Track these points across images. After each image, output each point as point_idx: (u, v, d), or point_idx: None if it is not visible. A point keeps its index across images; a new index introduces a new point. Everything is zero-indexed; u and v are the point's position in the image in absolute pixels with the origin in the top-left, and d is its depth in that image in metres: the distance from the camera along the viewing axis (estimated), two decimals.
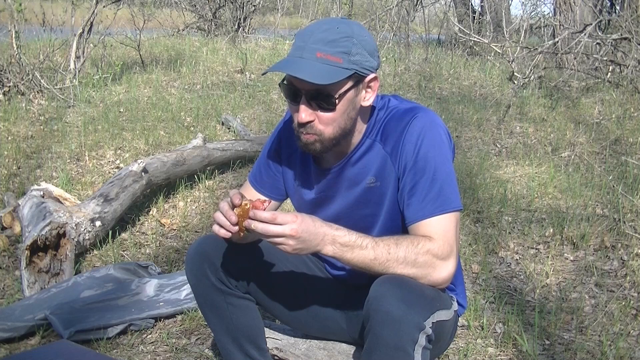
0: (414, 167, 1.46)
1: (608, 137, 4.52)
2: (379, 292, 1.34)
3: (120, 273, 2.51)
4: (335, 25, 1.42)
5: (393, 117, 1.52)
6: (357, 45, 1.41)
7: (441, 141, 1.47)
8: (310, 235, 1.34)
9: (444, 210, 1.43)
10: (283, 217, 1.34)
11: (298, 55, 1.41)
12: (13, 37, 5.21)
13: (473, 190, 3.60)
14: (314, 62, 1.38)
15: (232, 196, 1.40)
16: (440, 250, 1.40)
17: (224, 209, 1.40)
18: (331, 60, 1.39)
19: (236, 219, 1.38)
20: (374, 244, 1.38)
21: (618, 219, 3.08)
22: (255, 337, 1.73)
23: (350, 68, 1.40)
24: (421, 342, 1.32)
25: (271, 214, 1.34)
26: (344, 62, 1.39)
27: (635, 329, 2.30)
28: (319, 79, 1.36)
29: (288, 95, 1.46)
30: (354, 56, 1.40)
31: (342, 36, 1.40)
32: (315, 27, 1.44)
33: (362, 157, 1.54)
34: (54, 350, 1.83)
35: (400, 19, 8.79)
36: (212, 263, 1.63)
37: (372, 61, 1.45)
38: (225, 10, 9.69)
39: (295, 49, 1.43)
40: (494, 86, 6.49)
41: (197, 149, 3.74)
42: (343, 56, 1.39)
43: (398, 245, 1.38)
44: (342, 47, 1.40)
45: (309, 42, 1.40)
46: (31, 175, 3.68)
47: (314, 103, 1.43)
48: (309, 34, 1.42)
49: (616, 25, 6.36)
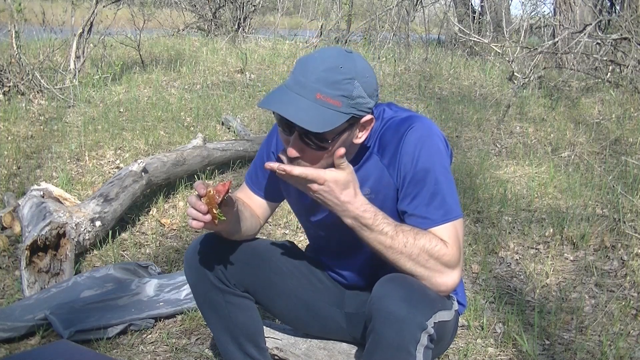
0: (414, 178, 1.44)
1: (608, 137, 4.52)
2: (382, 292, 1.34)
3: (120, 273, 2.51)
4: (339, 64, 1.36)
5: (389, 128, 1.50)
6: (358, 88, 1.36)
7: (439, 150, 1.46)
8: (337, 197, 1.37)
9: (448, 219, 1.43)
10: (329, 171, 1.37)
11: (296, 92, 1.36)
12: (13, 37, 5.21)
13: (473, 190, 3.60)
14: (312, 104, 1.34)
15: (197, 187, 1.41)
16: (450, 257, 1.40)
17: (192, 201, 1.41)
18: (330, 103, 1.34)
19: (205, 207, 1.40)
20: (393, 234, 1.38)
21: (618, 219, 3.08)
22: (254, 336, 1.73)
23: (349, 112, 1.37)
24: (423, 341, 1.32)
25: (321, 170, 1.38)
26: (343, 106, 1.35)
27: (635, 329, 2.30)
28: (314, 126, 1.32)
29: (280, 124, 1.43)
30: (354, 100, 1.36)
31: (345, 77, 1.35)
32: (319, 61, 1.37)
33: (359, 169, 1.52)
34: (54, 350, 1.83)
35: (400, 19, 8.79)
36: (211, 262, 1.63)
37: (371, 102, 1.41)
38: (225, 10, 9.69)
39: (294, 83, 1.38)
40: (494, 86, 6.49)
41: (197, 149, 3.74)
42: (343, 100, 1.35)
43: (416, 241, 1.38)
44: (343, 91, 1.35)
45: (310, 80, 1.35)
46: (31, 175, 3.68)
47: (307, 141, 1.39)
48: (311, 70, 1.36)
49: (616, 25, 6.36)
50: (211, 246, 1.64)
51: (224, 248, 1.64)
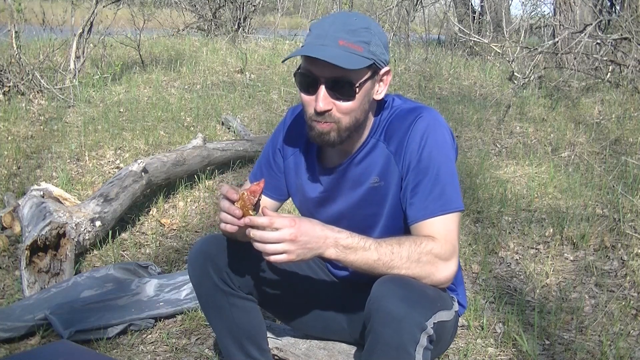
0: (417, 166, 1.46)
1: (608, 137, 4.52)
2: (381, 292, 1.34)
3: (120, 273, 2.51)
4: (352, 17, 1.44)
5: (397, 117, 1.52)
6: (375, 36, 1.43)
7: (444, 141, 1.48)
8: (310, 238, 1.33)
9: (446, 211, 1.43)
10: (280, 221, 1.32)
11: (320, 43, 1.40)
12: (13, 37, 5.20)
13: (473, 190, 3.60)
14: (337, 49, 1.38)
15: (227, 193, 1.40)
16: (442, 251, 1.40)
17: (225, 206, 1.40)
18: (353, 48, 1.39)
19: (240, 212, 1.38)
20: (376, 245, 1.38)
21: (618, 219, 3.08)
22: (257, 337, 1.73)
23: (370, 58, 1.41)
24: (422, 342, 1.32)
25: (267, 218, 1.33)
26: (365, 52, 1.41)
27: (635, 329, 2.30)
28: (345, 63, 1.36)
29: (304, 84, 1.45)
30: (372, 47, 1.42)
31: (361, 27, 1.42)
32: (333, 17, 1.46)
33: (365, 157, 1.54)
34: (54, 350, 1.83)
35: (400, 19, 8.79)
36: (216, 263, 1.62)
37: (385, 54, 1.47)
38: (225, 10, 9.69)
39: (314, 37, 1.42)
40: (494, 86, 6.49)
41: (197, 149, 3.74)
42: (364, 45, 1.41)
43: (401, 246, 1.38)
44: (362, 37, 1.41)
45: (330, 31, 1.41)
46: (31, 175, 3.68)
47: (334, 92, 1.42)
48: (328, 24, 1.43)
49: (616, 25, 6.36)
50: (215, 247, 1.63)
51: (228, 249, 1.63)
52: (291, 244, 1.32)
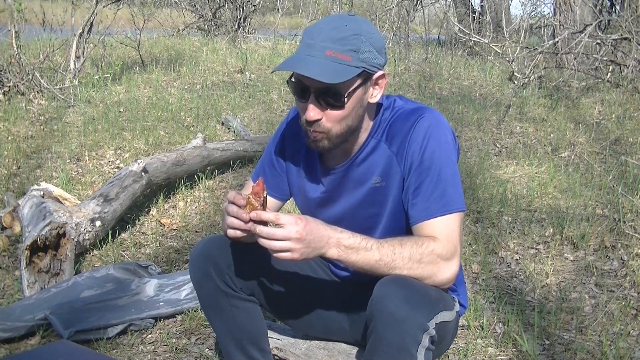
0: (420, 167, 1.46)
1: (608, 137, 4.52)
2: (383, 293, 1.34)
3: (120, 273, 2.51)
4: (343, 23, 1.41)
5: (399, 117, 1.52)
6: (365, 42, 1.40)
7: (446, 142, 1.48)
8: (315, 237, 1.33)
9: (448, 211, 1.43)
10: (286, 218, 1.33)
11: (307, 53, 1.40)
12: (13, 37, 5.20)
13: (473, 190, 3.60)
14: (324, 61, 1.37)
15: (235, 200, 1.39)
16: (444, 251, 1.40)
17: (233, 211, 1.39)
18: (340, 58, 1.38)
19: (247, 216, 1.37)
20: (378, 245, 1.37)
21: (618, 219, 3.08)
22: (258, 339, 1.73)
23: (359, 66, 1.40)
24: (424, 343, 1.32)
25: (274, 214, 1.34)
26: (353, 60, 1.39)
27: (635, 329, 2.30)
28: (328, 77, 1.36)
29: (296, 92, 1.45)
30: (362, 54, 1.40)
31: (351, 34, 1.39)
32: (324, 24, 1.43)
33: (367, 158, 1.54)
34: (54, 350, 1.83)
35: (400, 19, 8.79)
36: (217, 265, 1.62)
37: (380, 58, 1.45)
38: (225, 10, 9.70)
39: (303, 47, 1.42)
40: (494, 86, 6.49)
41: (197, 149, 3.74)
42: (352, 54, 1.39)
43: (402, 246, 1.38)
44: (351, 45, 1.39)
45: (317, 40, 1.39)
46: (31, 175, 3.68)
47: (323, 101, 1.42)
48: (317, 32, 1.41)
49: (616, 25, 6.36)
50: (217, 249, 1.63)
51: (230, 250, 1.62)
52: (297, 242, 1.31)
